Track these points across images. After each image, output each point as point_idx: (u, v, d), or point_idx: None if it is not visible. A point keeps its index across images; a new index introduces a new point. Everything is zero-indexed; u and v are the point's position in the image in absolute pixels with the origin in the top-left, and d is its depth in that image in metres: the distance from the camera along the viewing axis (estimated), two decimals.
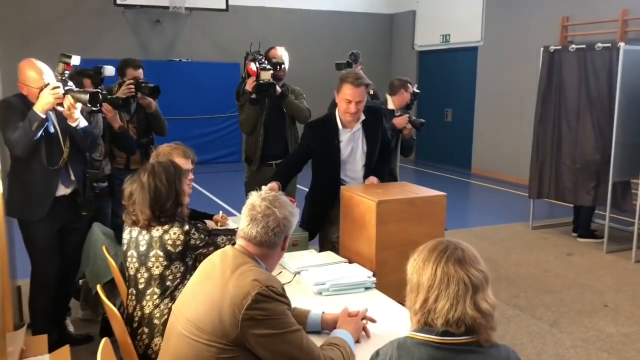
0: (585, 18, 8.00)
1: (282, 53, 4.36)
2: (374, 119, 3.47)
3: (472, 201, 8.92)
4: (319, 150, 3.44)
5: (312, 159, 3.50)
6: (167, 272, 2.33)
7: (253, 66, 4.07)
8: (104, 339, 1.87)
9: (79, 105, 3.08)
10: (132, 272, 2.39)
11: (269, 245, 1.90)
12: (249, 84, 4.09)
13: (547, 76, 6.27)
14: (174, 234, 2.31)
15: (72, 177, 3.26)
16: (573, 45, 6.10)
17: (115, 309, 2.18)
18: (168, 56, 10.69)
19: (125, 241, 2.44)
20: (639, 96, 5.38)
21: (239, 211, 1.96)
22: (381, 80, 5.34)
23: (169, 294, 2.34)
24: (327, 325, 2.16)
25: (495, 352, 1.46)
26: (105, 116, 3.79)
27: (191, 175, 2.87)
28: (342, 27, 11.89)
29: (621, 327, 4.04)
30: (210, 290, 1.80)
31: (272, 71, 4.06)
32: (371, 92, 4.75)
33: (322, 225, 3.48)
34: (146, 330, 2.33)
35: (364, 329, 2.16)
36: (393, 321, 2.29)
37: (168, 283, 2.34)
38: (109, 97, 3.71)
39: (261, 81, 4.03)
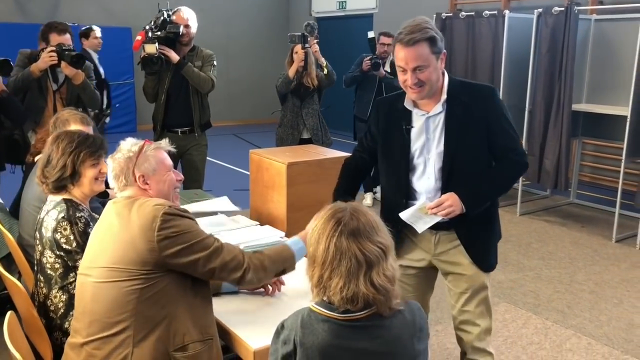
0: None
1: (187, 15, 4.07)
2: (473, 102, 2.17)
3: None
4: (383, 139, 2.29)
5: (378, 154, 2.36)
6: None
7: (139, 37, 3.89)
8: (9, 312, 1.78)
9: None
10: (37, 256, 2.18)
11: (123, 189, 1.91)
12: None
13: None
14: (64, 230, 2.08)
15: None
16: (463, 13, 6.40)
17: (18, 282, 2.06)
18: (51, 19, 9.83)
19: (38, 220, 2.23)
20: (521, 61, 5.76)
21: None
22: (279, 47, 5.31)
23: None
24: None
25: (400, 319, 1.45)
26: None
27: None
28: None
29: (509, 274, 4.41)
30: (116, 234, 1.80)
31: (156, 43, 3.85)
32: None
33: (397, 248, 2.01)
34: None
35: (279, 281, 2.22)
36: (306, 281, 2.35)
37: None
38: None
39: (145, 55, 3.85)
